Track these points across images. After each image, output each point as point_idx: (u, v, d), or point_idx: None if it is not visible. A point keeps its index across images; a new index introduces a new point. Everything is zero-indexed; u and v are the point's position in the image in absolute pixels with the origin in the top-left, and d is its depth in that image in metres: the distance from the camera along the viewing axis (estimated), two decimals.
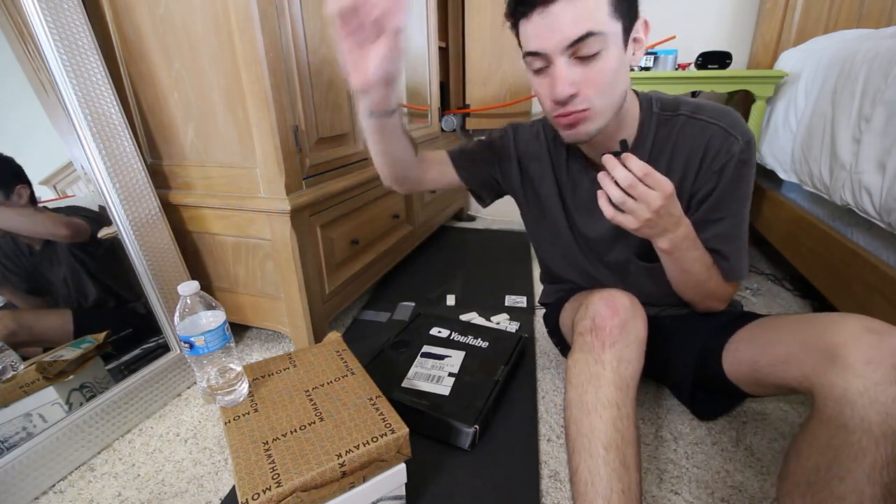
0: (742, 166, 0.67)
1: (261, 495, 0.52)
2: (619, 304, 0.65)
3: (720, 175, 0.67)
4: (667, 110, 0.70)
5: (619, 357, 0.61)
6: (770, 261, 1.65)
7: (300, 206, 0.98)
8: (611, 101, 0.62)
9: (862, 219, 0.99)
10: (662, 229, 0.63)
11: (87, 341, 0.91)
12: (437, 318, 1.17)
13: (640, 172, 0.56)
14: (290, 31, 0.93)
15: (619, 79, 0.60)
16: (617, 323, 0.63)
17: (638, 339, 0.64)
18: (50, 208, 0.90)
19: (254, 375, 0.75)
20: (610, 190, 0.59)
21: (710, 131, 0.67)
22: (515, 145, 0.86)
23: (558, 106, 0.61)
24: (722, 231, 0.71)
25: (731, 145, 0.66)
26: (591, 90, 0.59)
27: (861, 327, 0.54)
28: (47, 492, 0.78)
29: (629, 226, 0.60)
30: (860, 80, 0.98)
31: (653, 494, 0.73)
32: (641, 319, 0.65)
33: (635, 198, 0.58)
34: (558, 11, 0.55)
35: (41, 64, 0.84)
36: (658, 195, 0.57)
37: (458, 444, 0.82)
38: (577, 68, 0.58)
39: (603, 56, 0.57)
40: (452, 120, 2.00)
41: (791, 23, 1.64)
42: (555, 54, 0.58)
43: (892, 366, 0.50)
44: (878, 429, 0.48)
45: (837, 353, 0.54)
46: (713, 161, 0.67)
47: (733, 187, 0.68)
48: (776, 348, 0.65)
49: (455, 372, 0.95)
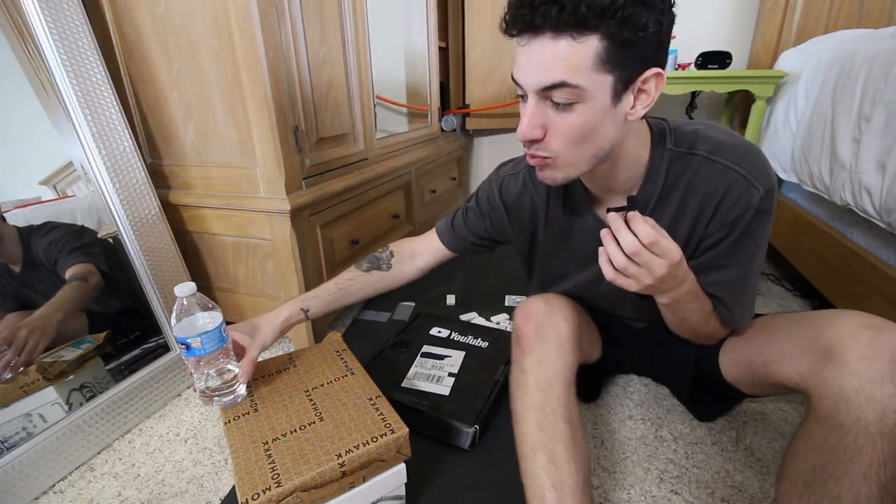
0: (760, 216, 0.60)
1: (261, 495, 0.52)
2: (531, 311, 0.68)
3: (734, 225, 0.61)
4: (682, 146, 0.62)
5: (537, 360, 0.64)
6: (770, 261, 1.65)
7: (300, 206, 0.98)
8: (579, 156, 0.55)
9: (862, 219, 0.99)
10: (664, 290, 0.59)
11: (86, 341, 0.91)
12: (437, 318, 1.17)
13: (647, 240, 0.51)
14: (290, 31, 0.93)
15: (597, 133, 0.53)
16: (532, 329, 0.66)
17: (558, 337, 0.66)
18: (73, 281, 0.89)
19: (254, 375, 0.75)
20: (612, 253, 0.53)
21: (730, 178, 0.59)
22: (503, 201, 0.79)
23: (526, 144, 0.56)
24: (726, 279, 0.65)
25: (750, 196, 0.58)
26: (555, 140, 0.53)
27: (858, 324, 0.54)
28: (47, 492, 0.78)
29: (630, 288, 0.56)
30: (860, 80, 0.98)
31: (653, 494, 0.73)
32: (561, 318, 0.67)
33: (639, 264, 0.53)
34: (538, 48, 0.49)
35: (41, 64, 0.84)
36: (663, 263, 0.52)
37: (458, 444, 0.82)
38: (550, 111, 0.52)
39: (576, 109, 0.51)
40: (452, 120, 2.00)
41: (791, 23, 1.64)
42: (528, 90, 0.52)
43: (890, 361, 0.49)
44: (875, 427, 0.48)
45: (833, 351, 0.53)
46: (730, 210, 0.60)
47: (746, 238, 0.62)
48: (772, 347, 0.65)
49: (455, 372, 0.95)
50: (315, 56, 1.02)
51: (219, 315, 0.65)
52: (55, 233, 0.89)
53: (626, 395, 0.96)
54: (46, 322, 0.83)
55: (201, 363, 0.65)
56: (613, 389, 0.98)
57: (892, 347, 0.50)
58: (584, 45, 0.47)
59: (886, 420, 0.47)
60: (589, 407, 0.93)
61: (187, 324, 0.63)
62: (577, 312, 0.72)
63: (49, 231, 0.88)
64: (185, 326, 0.63)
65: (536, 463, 0.58)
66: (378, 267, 0.86)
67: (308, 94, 1.01)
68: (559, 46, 0.48)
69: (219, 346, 0.65)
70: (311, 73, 1.01)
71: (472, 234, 0.85)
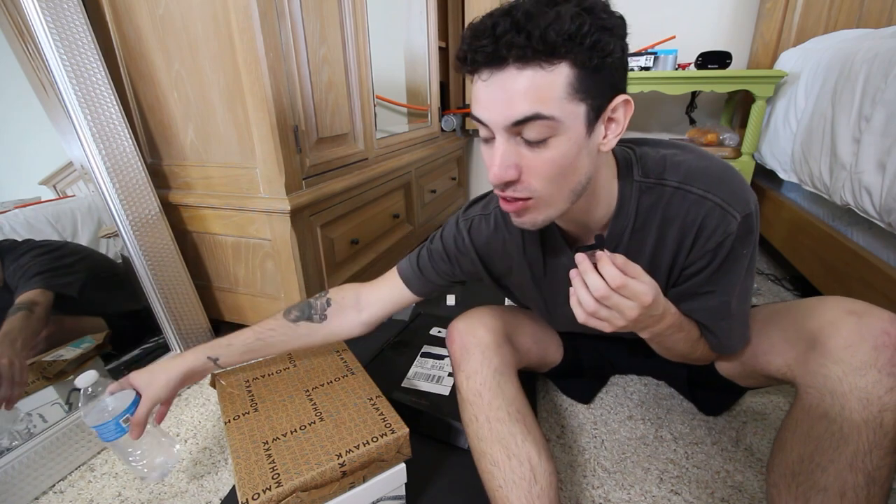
0: (740, 241, 0.57)
1: (261, 495, 0.52)
2: (454, 332, 0.71)
3: (715, 253, 0.58)
4: (651, 177, 0.59)
5: (466, 376, 0.66)
6: (770, 261, 1.65)
7: (300, 205, 0.98)
8: (559, 194, 0.51)
9: (862, 219, 0.99)
10: (642, 328, 0.57)
11: (86, 341, 0.91)
12: (437, 318, 1.17)
13: (615, 283, 0.47)
14: (290, 31, 0.93)
15: (575, 167, 0.50)
16: (456, 348, 0.69)
17: (479, 346, 0.67)
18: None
19: (254, 375, 0.75)
20: (581, 296, 0.49)
21: (706, 208, 0.56)
22: (474, 247, 0.73)
23: (500, 188, 0.52)
24: (710, 306, 0.62)
25: (728, 224, 0.55)
26: (534, 179, 0.49)
27: (841, 310, 0.54)
28: (47, 492, 0.78)
29: (604, 330, 0.52)
30: (860, 79, 0.98)
31: (653, 494, 0.73)
32: (480, 327, 0.69)
33: (609, 307, 0.49)
34: (503, 82, 0.45)
35: (41, 64, 0.84)
36: (634, 306, 0.49)
37: (458, 444, 0.82)
38: (523, 149, 0.48)
39: (551, 144, 0.47)
40: (452, 120, 2.00)
41: (791, 23, 1.64)
42: (496, 129, 0.48)
43: (873, 347, 0.49)
44: (859, 416, 0.48)
45: (817, 339, 0.54)
46: (708, 240, 0.57)
47: (729, 265, 0.59)
48: (760, 339, 0.65)
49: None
50: (315, 56, 1.02)
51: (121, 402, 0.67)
52: (26, 256, 0.84)
53: (626, 395, 0.96)
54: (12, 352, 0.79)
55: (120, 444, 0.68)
56: (613, 389, 0.98)
57: (875, 332, 0.50)
58: (554, 73, 0.44)
59: (871, 408, 0.48)
60: (589, 407, 0.93)
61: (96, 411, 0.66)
62: (502, 319, 0.73)
63: (22, 253, 0.84)
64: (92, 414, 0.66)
65: (484, 468, 0.61)
66: (308, 317, 0.74)
67: (308, 94, 1.01)
68: (527, 77, 0.44)
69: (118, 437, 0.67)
70: (311, 73, 1.01)
71: (441, 278, 0.76)
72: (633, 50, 1.75)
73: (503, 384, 0.65)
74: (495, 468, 0.59)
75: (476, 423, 0.63)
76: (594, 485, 0.75)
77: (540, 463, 0.59)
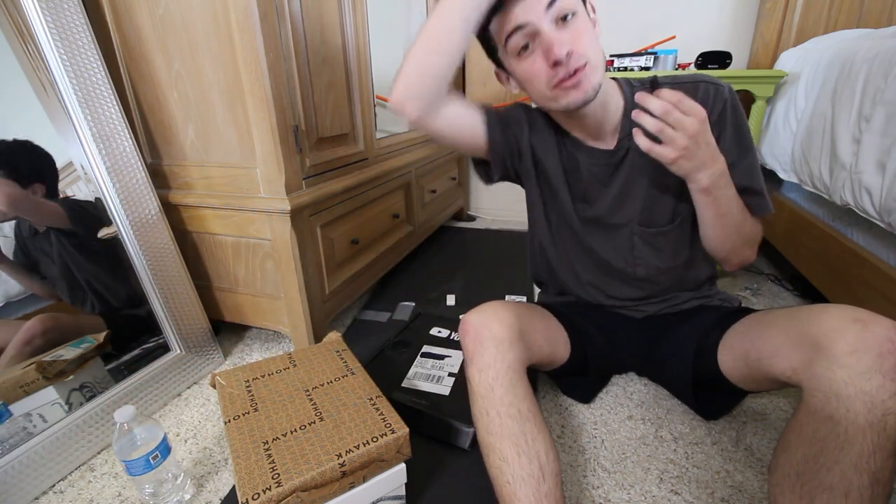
0: (736, 106, 0.71)
1: (261, 495, 0.52)
2: (467, 324, 0.70)
3: (723, 121, 0.71)
4: (646, 84, 0.70)
5: (478, 369, 0.66)
6: (770, 261, 1.65)
7: (300, 205, 0.98)
8: (600, 56, 0.66)
9: (862, 219, 0.99)
10: (700, 162, 0.63)
11: (86, 341, 0.91)
12: (437, 318, 1.17)
13: (674, 99, 0.58)
14: (290, 31, 0.93)
15: (597, 36, 0.65)
16: (469, 340, 0.69)
17: (493, 339, 0.67)
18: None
19: (254, 375, 0.75)
20: (645, 121, 0.60)
21: (699, 89, 0.71)
22: (528, 118, 0.84)
23: (558, 69, 0.63)
24: (745, 165, 0.72)
25: (721, 92, 0.70)
26: (581, 42, 0.63)
27: (846, 317, 0.55)
28: (47, 492, 0.78)
29: (667, 156, 0.61)
30: (860, 79, 0.98)
31: (653, 494, 0.73)
32: (495, 321, 0.69)
33: (672, 125, 0.59)
34: None
35: (41, 64, 0.84)
36: (693, 120, 0.59)
37: (458, 444, 0.82)
38: (563, 31, 0.62)
39: (579, 15, 0.63)
40: None
41: (791, 23, 1.64)
42: (540, 22, 0.61)
43: (878, 355, 0.50)
44: (864, 418, 0.49)
45: (822, 345, 0.54)
46: (712, 112, 0.69)
47: (738, 126, 0.71)
48: (765, 342, 0.66)
49: (455, 372, 0.95)
50: (315, 56, 1.02)
51: (152, 436, 0.69)
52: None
53: (626, 395, 0.96)
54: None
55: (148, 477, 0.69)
56: (613, 389, 0.98)
57: (880, 340, 0.51)
58: None
59: (875, 411, 0.49)
60: (589, 407, 0.93)
61: (127, 443, 0.68)
62: (516, 313, 0.73)
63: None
64: (123, 447, 0.67)
65: (492, 463, 0.61)
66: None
67: (308, 94, 1.01)
68: None
69: (159, 464, 0.69)
70: (311, 73, 1.01)
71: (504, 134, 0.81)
72: (633, 50, 1.75)
73: (515, 381, 0.65)
74: (504, 464, 0.60)
75: (487, 417, 0.63)
76: (594, 485, 0.75)
77: (548, 463, 0.60)
